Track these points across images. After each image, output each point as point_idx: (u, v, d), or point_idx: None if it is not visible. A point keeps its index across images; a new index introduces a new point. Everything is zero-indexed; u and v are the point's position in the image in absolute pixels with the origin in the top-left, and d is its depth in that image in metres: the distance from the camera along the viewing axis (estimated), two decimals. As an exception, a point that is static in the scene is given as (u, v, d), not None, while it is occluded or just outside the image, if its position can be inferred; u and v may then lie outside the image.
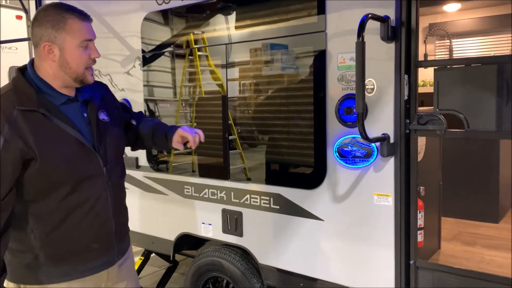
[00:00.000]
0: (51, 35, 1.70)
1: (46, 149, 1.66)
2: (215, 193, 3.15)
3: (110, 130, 1.90)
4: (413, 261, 2.38)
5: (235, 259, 3.09)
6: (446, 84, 2.21)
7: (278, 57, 2.89)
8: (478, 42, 4.92)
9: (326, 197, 2.62)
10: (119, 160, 1.96)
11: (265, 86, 3.00)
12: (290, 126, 2.85)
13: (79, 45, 1.72)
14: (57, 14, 1.71)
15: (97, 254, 1.85)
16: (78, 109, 1.80)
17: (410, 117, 2.31)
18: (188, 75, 3.40)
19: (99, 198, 1.81)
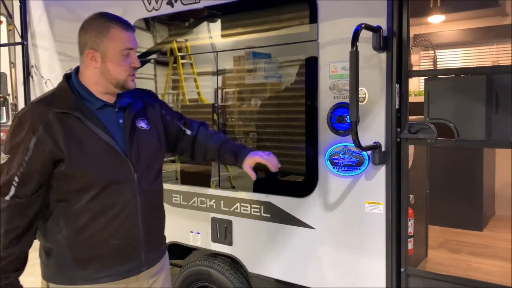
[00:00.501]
0: (95, 42, 1.77)
1: (75, 152, 1.72)
2: (204, 201, 3.12)
3: (147, 138, 1.93)
4: (404, 269, 2.40)
5: (224, 268, 3.06)
6: (436, 93, 2.25)
7: (270, 65, 2.90)
8: (461, 53, 5.04)
9: (318, 205, 2.62)
10: (153, 168, 1.96)
11: (257, 94, 3.00)
12: (282, 134, 2.85)
13: (120, 53, 1.78)
14: (101, 22, 1.79)
15: (121, 260, 1.85)
16: (113, 115, 1.85)
17: (401, 125, 2.34)
18: (172, 83, 3.39)
19: (127, 204, 1.82)
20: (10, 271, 1.74)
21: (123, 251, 1.85)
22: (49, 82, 4.11)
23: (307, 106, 2.65)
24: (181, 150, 2.24)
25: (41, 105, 1.74)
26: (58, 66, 4.02)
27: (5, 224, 1.70)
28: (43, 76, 4.16)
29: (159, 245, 2.04)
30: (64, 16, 3.94)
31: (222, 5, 2.91)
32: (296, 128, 2.78)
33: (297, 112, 2.74)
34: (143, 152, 1.88)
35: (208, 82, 3.23)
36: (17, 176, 1.70)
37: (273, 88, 2.91)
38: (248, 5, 2.83)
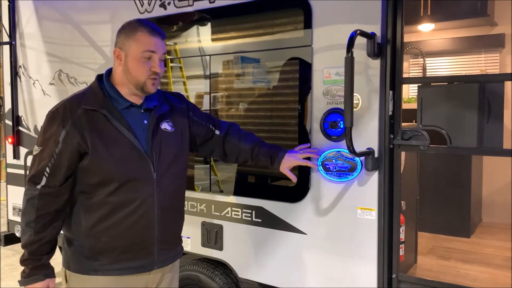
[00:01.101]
0: (122, 42, 1.90)
1: (99, 146, 1.83)
2: (195, 205, 3.10)
3: (170, 140, 2.01)
4: (395, 275, 2.40)
5: (213, 273, 3.03)
6: (429, 101, 2.27)
7: (263, 70, 2.90)
8: (450, 62, 5.11)
9: (310, 210, 2.62)
10: (174, 170, 2.02)
11: (249, 98, 2.99)
12: (274, 138, 2.84)
13: (141, 55, 1.87)
14: (133, 25, 1.91)
15: (134, 256, 1.94)
16: (139, 115, 1.96)
17: (394, 132, 2.35)
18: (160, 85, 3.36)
19: (145, 202, 1.90)
20: (42, 253, 1.89)
21: (137, 247, 1.93)
22: (37, 82, 4.05)
23: (300, 111, 2.65)
24: (211, 150, 2.30)
25: (72, 102, 1.89)
26: (47, 66, 3.97)
27: (37, 211, 1.84)
28: (31, 77, 4.09)
29: (174, 246, 2.11)
30: (53, 17, 3.89)
31: (216, 8, 2.90)
32: (289, 133, 2.78)
33: (290, 117, 2.74)
34: (164, 153, 1.96)
35: (198, 86, 3.21)
36: (48, 167, 1.84)
37: (266, 93, 2.91)
38: (242, 9, 2.82)
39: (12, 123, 4.24)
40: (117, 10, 3.45)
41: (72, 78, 3.79)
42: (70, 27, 3.75)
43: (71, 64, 3.80)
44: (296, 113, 2.69)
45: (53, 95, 3.93)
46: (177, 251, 2.15)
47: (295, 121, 2.69)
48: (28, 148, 4.16)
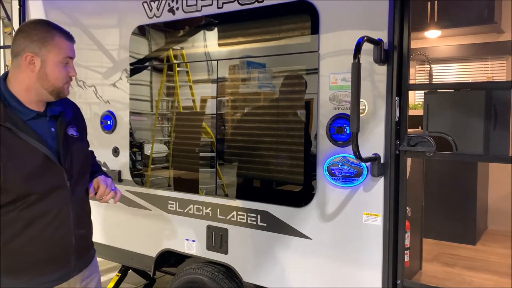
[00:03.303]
0: (36, 47, 1.78)
1: (9, 164, 1.69)
2: (201, 209, 3.11)
3: (78, 145, 1.96)
4: (400, 281, 2.40)
5: (218, 277, 3.04)
6: (435, 107, 2.27)
7: (269, 75, 2.91)
8: (456, 68, 5.10)
9: (315, 215, 2.62)
10: (84, 175, 1.99)
11: (256, 104, 3.01)
12: (281, 143, 2.86)
13: (60, 61, 1.82)
14: (46, 30, 1.82)
15: (53, 268, 1.86)
16: (46, 124, 1.86)
17: (400, 138, 2.36)
18: (166, 89, 3.39)
19: (61, 211, 1.84)
20: None
21: (55, 259, 1.86)
22: (46, 85, 4.08)
23: (307, 117, 2.66)
24: None
25: None
26: (56, 69, 4.00)
27: None
28: (40, 79, 4.13)
29: (88, 250, 2.07)
30: (63, 20, 3.94)
31: (224, 14, 2.93)
32: (295, 138, 2.79)
33: (296, 122, 2.75)
34: (75, 159, 1.91)
35: (205, 90, 3.23)
36: None
37: (272, 98, 2.92)
38: (250, 15, 2.85)
39: (21, 125, 4.28)
40: (126, 14, 3.48)
41: (81, 81, 3.82)
42: (78, 31, 3.79)
43: (79, 67, 3.84)
44: (302, 119, 2.70)
45: (61, 98, 3.96)
46: (91, 255, 2.10)
47: (301, 126, 2.70)
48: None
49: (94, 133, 3.73)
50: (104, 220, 3.68)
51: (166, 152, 3.46)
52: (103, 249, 3.70)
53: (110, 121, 3.60)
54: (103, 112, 3.66)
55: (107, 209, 3.64)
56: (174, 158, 3.41)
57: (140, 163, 3.52)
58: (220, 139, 3.04)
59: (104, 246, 3.69)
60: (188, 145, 3.31)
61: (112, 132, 3.61)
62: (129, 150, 3.52)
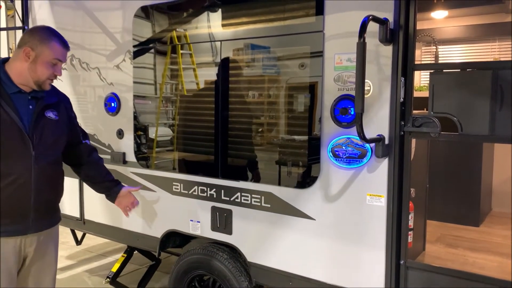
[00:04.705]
0: (35, 44, 2.20)
1: None
2: (205, 190, 3.13)
3: (53, 126, 2.33)
4: (403, 261, 2.42)
5: (222, 257, 3.07)
6: (441, 87, 2.25)
7: (274, 55, 2.89)
8: (463, 50, 5.04)
9: (319, 196, 2.63)
10: (52, 151, 2.35)
11: (261, 85, 3.00)
12: (285, 125, 2.85)
13: (50, 61, 2.23)
14: (48, 34, 2.25)
15: (12, 221, 2.21)
16: (25, 100, 2.24)
17: (405, 119, 2.34)
18: (170, 72, 3.37)
19: (23, 175, 2.20)
20: None
21: (12, 215, 2.21)
22: (50, 67, 4.08)
23: (311, 98, 2.65)
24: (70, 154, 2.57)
25: None
26: (59, 51, 3.99)
27: None
28: (43, 62, 4.12)
29: (49, 215, 2.40)
30: (66, 4, 3.91)
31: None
32: (299, 119, 2.79)
33: (301, 104, 2.74)
34: (45, 136, 2.27)
35: (209, 72, 3.21)
36: None
37: (277, 79, 2.90)
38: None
39: (25, 107, 4.29)
40: (128, -5, 3.45)
41: (84, 63, 3.81)
42: (82, 13, 3.76)
43: (83, 50, 3.82)
44: (306, 100, 2.69)
45: (66, 80, 3.96)
46: (52, 220, 2.43)
47: (305, 107, 2.69)
48: (41, 132, 4.21)
49: (98, 116, 3.73)
50: (110, 203, 3.71)
51: (170, 135, 3.47)
52: (109, 231, 3.74)
53: (114, 103, 3.60)
54: (107, 94, 3.65)
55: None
56: (179, 141, 3.42)
57: (145, 145, 3.53)
58: (223, 121, 3.04)
59: (110, 228, 3.73)
60: (193, 127, 3.31)
61: (116, 114, 3.61)
62: (134, 133, 3.52)
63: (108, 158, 3.65)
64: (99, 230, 3.84)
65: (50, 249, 2.42)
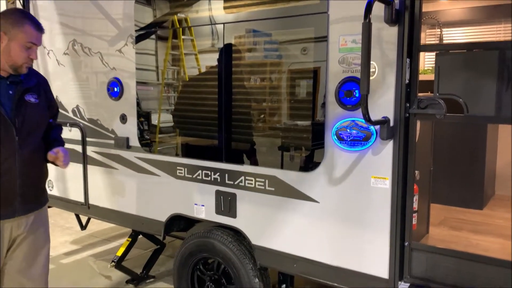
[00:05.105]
0: (7, 28, 2.19)
1: None
2: (209, 174, 3.13)
3: (34, 110, 2.33)
4: (407, 243, 2.43)
5: (227, 240, 3.09)
6: (447, 69, 2.23)
7: (277, 38, 2.87)
8: (467, 32, 4.99)
9: (323, 179, 2.63)
10: (35, 135, 2.36)
11: (264, 68, 2.98)
12: (289, 108, 2.84)
13: (24, 44, 2.21)
14: (20, 17, 2.23)
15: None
16: (5, 86, 2.25)
17: (410, 101, 2.33)
18: (171, 57, 3.36)
19: (7, 160, 2.22)
20: None
21: (1, 198, 2.23)
22: (52, 53, 4.07)
23: (314, 81, 2.63)
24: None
25: None
26: (60, 37, 3.97)
27: None
28: (45, 47, 4.11)
29: (36, 197, 2.43)
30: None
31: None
32: (303, 102, 2.77)
33: (305, 86, 2.73)
34: (27, 120, 2.27)
35: (212, 56, 3.19)
36: None
37: (281, 62, 2.88)
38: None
39: (28, 93, 4.28)
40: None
41: (86, 48, 3.79)
42: None
43: (85, 35, 3.80)
44: (310, 82, 2.67)
45: (68, 65, 3.95)
46: (40, 201, 2.46)
47: (310, 90, 2.68)
48: (44, 118, 4.21)
49: (101, 101, 3.73)
50: (115, 187, 3.73)
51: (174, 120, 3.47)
52: (114, 215, 3.76)
53: (117, 88, 3.59)
54: (109, 79, 3.64)
55: (117, 176, 3.68)
56: (183, 125, 3.42)
57: (147, 132, 3.53)
58: (227, 104, 3.03)
59: (115, 212, 3.75)
60: (197, 112, 3.30)
61: (119, 99, 3.60)
62: (137, 118, 3.52)
63: (112, 143, 3.66)
64: (103, 214, 3.86)
65: (40, 230, 2.45)
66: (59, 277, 4.34)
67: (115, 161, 3.67)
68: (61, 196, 4.16)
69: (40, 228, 2.46)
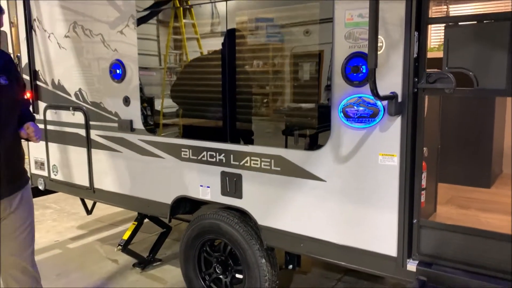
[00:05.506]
0: None
1: None
2: (214, 155, 3.10)
3: (6, 92, 2.28)
4: (416, 220, 2.40)
5: (233, 221, 3.08)
6: (456, 41, 2.18)
7: (280, 14, 2.81)
8: (475, 7, 4.88)
9: (329, 158, 2.60)
10: (10, 116, 2.32)
11: (269, 46, 2.92)
12: (294, 87, 2.80)
13: None
14: None
15: None
16: None
17: (419, 75, 2.28)
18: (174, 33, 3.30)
19: None
20: None
21: None
22: (53, 36, 4.02)
23: (320, 56, 2.58)
24: None
25: None
26: (61, 19, 3.92)
27: None
28: (46, 30, 4.06)
29: (18, 178, 2.45)
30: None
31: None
32: (308, 80, 2.73)
33: (310, 63, 2.68)
34: (4, 104, 2.25)
35: (216, 37, 3.14)
36: None
37: (285, 38, 2.83)
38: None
39: (30, 77, 4.25)
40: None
41: (87, 30, 3.74)
42: None
43: (86, 17, 3.74)
44: (316, 59, 2.62)
45: (69, 48, 3.90)
46: (22, 182, 2.47)
47: (315, 67, 2.63)
48: (47, 103, 4.18)
49: (104, 83, 3.69)
50: (119, 170, 3.71)
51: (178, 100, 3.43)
52: (120, 198, 3.75)
53: (119, 70, 3.54)
54: (111, 61, 3.59)
55: (122, 159, 3.66)
56: (187, 106, 3.38)
57: (152, 113, 3.50)
58: (231, 83, 2.98)
59: (120, 195, 3.74)
60: (201, 92, 3.26)
61: (121, 81, 3.56)
62: (140, 99, 3.48)
63: (115, 126, 3.63)
64: (109, 198, 3.85)
65: (23, 208, 2.47)
66: (66, 262, 4.37)
67: (119, 144, 3.64)
68: (66, 181, 4.16)
69: (24, 205, 2.49)
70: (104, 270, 4.18)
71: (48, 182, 4.35)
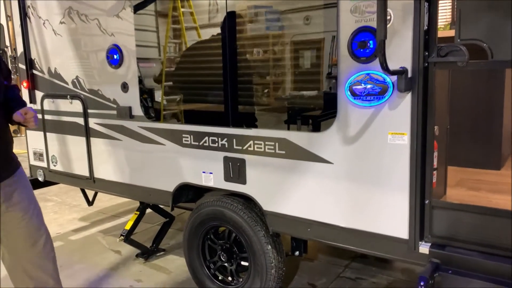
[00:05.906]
0: None
1: None
2: (216, 140, 3.01)
3: None
4: (428, 201, 2.31)
5: (237, 207, 3.00)
6: (469, 12, 2.06)
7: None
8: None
9: (336, 139, 2.50)
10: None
11: (273, 23, 2.81)
12: (298, 66, 2.69)
13: None
14: None
15: None
16: None
17: (429, 49, 2.17)
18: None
19: None
20: None
21: None
22: (47, 22, 3.91)
23: (325, 32, 2.47)
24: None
25: None
26: (56, 5, 3.81)
27: None
28: (40, 17, 3.95)
29: (8, 164, 2.44)
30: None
31: None
32: (313, 58, 2.62)
33: (314, 42, 2.57)
34: None
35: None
36: None
37: (288, 16, 2.72)
38: None
39: (26, 67, 4.16)
40: None
41: (83, 15, 3.63)
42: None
43: (81, 1, 3.63)
44: (320, 36, 2.52)
45: (65, 35, 3.80)
46: (13, 167, 2.46)
47: (319, 45, 2.52)
48: (44, 92, 4.09)
49: (101, 70, 3.59)
50: (119, 159, 3.63)
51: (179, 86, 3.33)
52: (121, 187, 3.67)
53: (117, 55, 3.44)
54: (108, 46, 3.49)
55: (121, 147, 3.57)
56: (187, 91, 3.29)
57: (151, 108, 3.40)
58: (232, 65, 2.88)
59: (121, 184, 3.65)
60: (202, 76, 3.17)
61: (119, 66, 3.46)
62: (139, 85, 3.38)
63: (114, 114, 3.53)
64: (109, 187, 3.77)
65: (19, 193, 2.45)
66: (69, 253, 4.30)
67: (119, 132, 3.55)
68: (66, 171, 4.07)
69: (21, 190, 2.47)
70: (107, 261, 4.11)
71: (48, 173, 4.26)
